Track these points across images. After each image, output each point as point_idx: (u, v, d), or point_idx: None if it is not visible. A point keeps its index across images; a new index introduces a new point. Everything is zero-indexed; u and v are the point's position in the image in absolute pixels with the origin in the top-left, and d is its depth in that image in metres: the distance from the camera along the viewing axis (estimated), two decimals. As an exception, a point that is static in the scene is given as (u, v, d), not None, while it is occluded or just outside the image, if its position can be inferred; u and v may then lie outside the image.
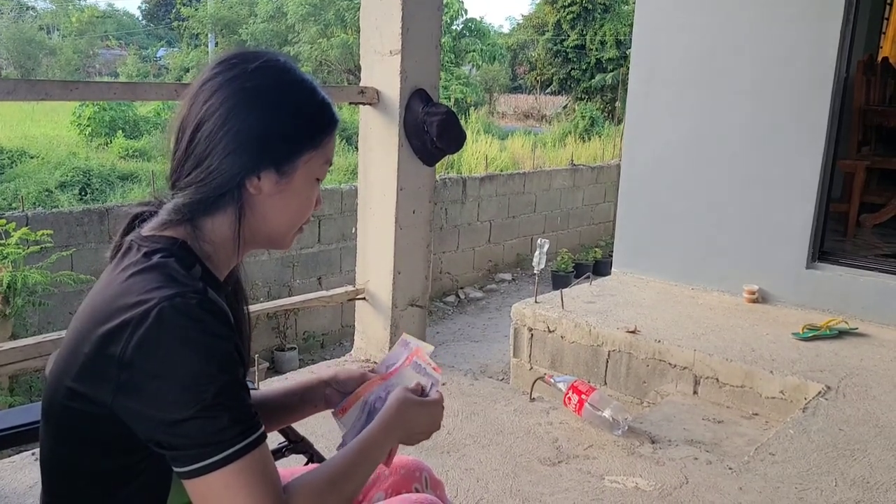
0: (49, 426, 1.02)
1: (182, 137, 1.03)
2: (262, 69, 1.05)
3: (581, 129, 15.26)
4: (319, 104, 1.09)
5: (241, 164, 1.01)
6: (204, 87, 1.04)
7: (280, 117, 1.03)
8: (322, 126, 1.08)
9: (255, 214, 1.05)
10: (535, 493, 2.35)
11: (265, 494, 0.93)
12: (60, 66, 22.31)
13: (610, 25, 21.12)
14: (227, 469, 0.91)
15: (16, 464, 2.34)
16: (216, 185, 1.01)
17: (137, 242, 1.01)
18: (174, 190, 1.05)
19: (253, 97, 1.02)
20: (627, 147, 5.01)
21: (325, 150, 1.09)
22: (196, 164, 1.02)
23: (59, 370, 0.99)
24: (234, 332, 0.97)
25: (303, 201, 1.09)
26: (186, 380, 0.90)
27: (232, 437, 0.91)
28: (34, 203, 7.94)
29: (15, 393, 4.94)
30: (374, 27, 3.10)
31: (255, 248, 1.12)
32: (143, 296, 0.92)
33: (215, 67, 1.05)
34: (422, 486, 1.36)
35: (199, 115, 1.02)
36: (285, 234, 1.11)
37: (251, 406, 0.96)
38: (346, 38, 17.56)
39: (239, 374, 0.96)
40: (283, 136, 1.04)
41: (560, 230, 10.34)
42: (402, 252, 3.20)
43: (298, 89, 1.07)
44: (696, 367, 3.54)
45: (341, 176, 9.88)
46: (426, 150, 3.10)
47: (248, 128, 1.01)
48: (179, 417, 0.90)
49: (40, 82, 2.22)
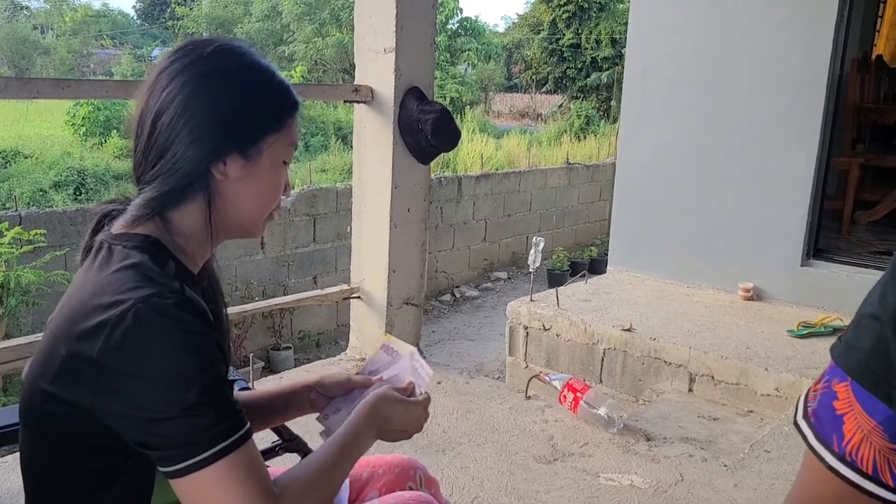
0: (28, 430, 1.01)
1: (142, 130, 1.01)
2: (219, 52, 1.03)
3: (576, 127, 15.26)
4: (279, 85, 1.07)
5: (205, 150, 0.99)
6: (161, 76, 1.01)
7: (241, 99, 1.02)
8: (284, 107, 1.06)
9: (224, 202, 1.03)
10: (530, 490, 2.34)
11: (256, 490, 0.92)
12: (55, 66, 22.25)
13: (605, 24, 21.13)
14: (216, 466, 0.90)
15: (8, 464, 2.33)
16: (182, 175, 0.99)
17: (109, 242, 0.99)
18: (140, 185, 1.03)
19: (212, 80, 1.00)
20: (623, 145, 5.01)
21: (288, 132, 1.06)
22: (159, 155, 0.99)
23: (34, 373, 0.97)
24: (213, 328, 0.95)
25: (271, 185, 1.07)
26: (169, 379, 0.89)
27: (218, 434, 0.91)
28: (28, 203, 7.91)
29: (8, 393, 4.92)
30: (369, 25, 3.09)
31: (228, 237, 1.10)
32: (119, 296, 0.91)
33: (171, 56, 1.03)
34: (416, 485, 1.36)
35: (157, 105, 0.99)
36: (256, 220, 1.08)
37: (236, 402, 0.95)
38: (341, 37, 17.54)
39: (221, 371, 0.95)
40: (246, 118, 1.02)
41: (555, 229, 10.35)
42: (397, 250, 3.19)
43: (258, 71, 1.05)
44: (691, 364, 3.54)
45: (336, 175, 9.87)
46: (421, 149, 3.09)
47: (209, 112, 0.99)
48: (164, 417, 0.89)
49: (32, 80, 2.21)
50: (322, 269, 7.35)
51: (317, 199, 7.20)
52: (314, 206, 7.19)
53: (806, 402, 1.07)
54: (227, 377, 0.97)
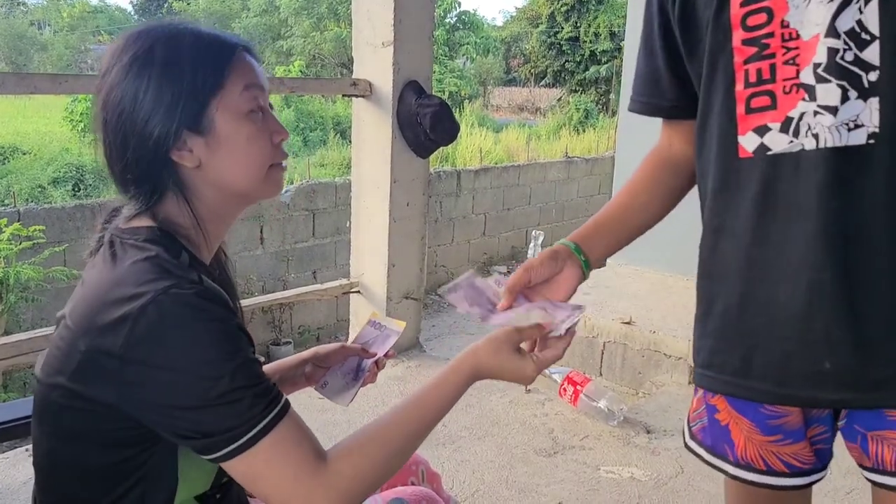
0: (44, 426, 1.00)
1: (104, 137, 0.99)
2: (137, 39, 0.99)
3: (575, 121, 15.27)
4: (206, 41, 0.99)
5: (157, 140, 0.96)
6: (104, 79, 0.98)
7: (166, 76, 0.96)
8: (215, 61, 0.98)
9: (206, 185, 1.00)
10: (530, 484, 2.35)
11: (304, 458, 0.92)
12: (52, 62, 22.20)
13: (604, 17, 21.09)
14: (261, 445, 0.90)
15: (9, 460, 2.33)
16: (146, 172, 0.97)
17: (118, 235, 0.99)
18: (123, 190, 1.01)
19: (135, 68, 0.96)
20: (622, 139, 5.00)
21: (234, 82, 0.98)
22: (120, 155, 0.98)
23: (51, 369, 0.96)
24: (234, 313, 0.95)
25: (244, 142, 0.99)
26: (200, 369, 0.88)
27: (257, 415, 0.90)
28: (27, 199, 7.91)
29: (9, 389, 4.93)
30: (367, 18, 3.08)
31: (237, 212, 1.07)
32: (139, 289, 0.90)
33: (110, 58, 0.99)
34: (418, 479, 1.36)
35: (105, 108, 0.97)
36: (250, 182, 1.01)
37: (268, 379, 0.94)
38: (339, 31, 17.52)
39: (249, 353, 0.94)
40: (177, 92, 0.95)
41: (555, 222, 10.35)
42: (396, 245, 3.19)
43: (181, 38, 0.98)
44: (691, 357, 3.54)
45: (335, 170, 9.87)
46: (419, 143, 3.09)
47: (146, 99, 0.95)
48: (201, 406, 0.88)
49: (29, 76, 2.20)
50: (321, 263, 7.35)
51: (316, 194, 7.20)
52: (313, 200, 7.18)
53: (690, 425, 1.14)
54: (256, 357, 0.96)
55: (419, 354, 3.34)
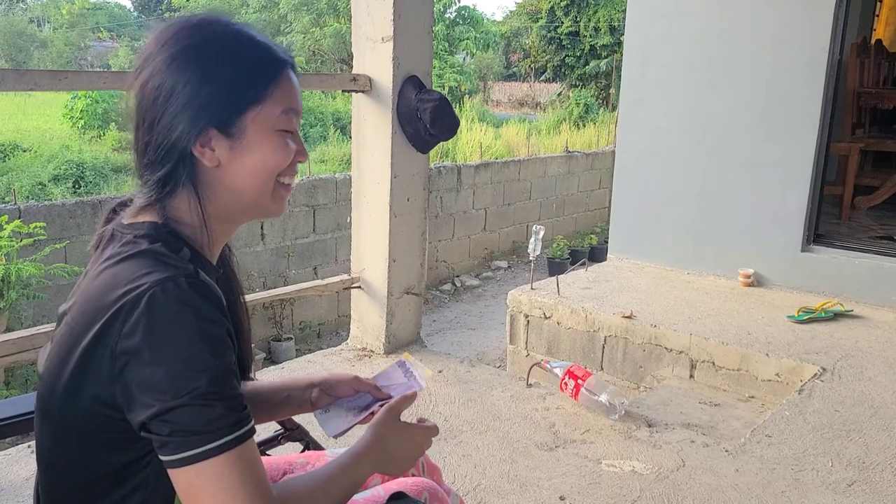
0: (48, 424, 1.00)
1: (135, 118, 0.99)
2: (190, 30, 0.99)
3: (575, 115, 15.23)
4: (256, 53, 1.01)
5: (182, 134, 0.96)
6: (147, 62, 0.99)
7: (217, 75, 0.97)
8: (263, 76, 1.00)
9: (220, 187, 1.01)
10: (532, 477, 2.35)
11: (255, 488, 0.90)
12: (52, 59, 22.18)
13: (604, 11, 21.01)
14: (219, 459, 0.88)
15: (11, 456, 2.34)
16: (164, 160, 0.97)
17: (120, 231, 0.99)
18: (139, 176, 1.02)
19: (183, 59, 0.97)
20: (622, 133, 5.00)
21: (277, 100, 1.00)
22: (144, 137, 0.98)
23: (54, 367, 0.96)
24: (227, 316, 0.94)
25: (265, 159, 1.00)
26: (179, 366, 0.87)
27: (224, 427, 0.89)
28: (27, 196, 7.90)
29: (11, 386, 4.93)
30: (366, 14, 3.08)
31: (243, 220, 1.08)
32: (135, 282, 0.90)
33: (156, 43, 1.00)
34: (418, 472, 1.36)
35: (143, 90, 0.98)
36: (259, 197, 1.03)
37: (242, 396, 0.94)
38: (338, 27, 17.46)
39: (232, 362, 0.93)
40: (220, 94, 0.97)
41: (555, 217, 10.35)
42: (396, 240, 3.19)
43: (231, 41, 1.00)
44: (692, 351, 3.54)
45: (335, 165, 9.86)
46: (419, 138, 3.08)
47: (182, 94, 0.96)
48: (172, 405, 0.87)
49: (29, 72, 2.20)
50: (322, 259, 7.36)
51: (316, 190, 7.20)
52: (314, 196, 7.18)
53: None
54: (236, 368, 0.95)
55: (420, 349, 3.34)
